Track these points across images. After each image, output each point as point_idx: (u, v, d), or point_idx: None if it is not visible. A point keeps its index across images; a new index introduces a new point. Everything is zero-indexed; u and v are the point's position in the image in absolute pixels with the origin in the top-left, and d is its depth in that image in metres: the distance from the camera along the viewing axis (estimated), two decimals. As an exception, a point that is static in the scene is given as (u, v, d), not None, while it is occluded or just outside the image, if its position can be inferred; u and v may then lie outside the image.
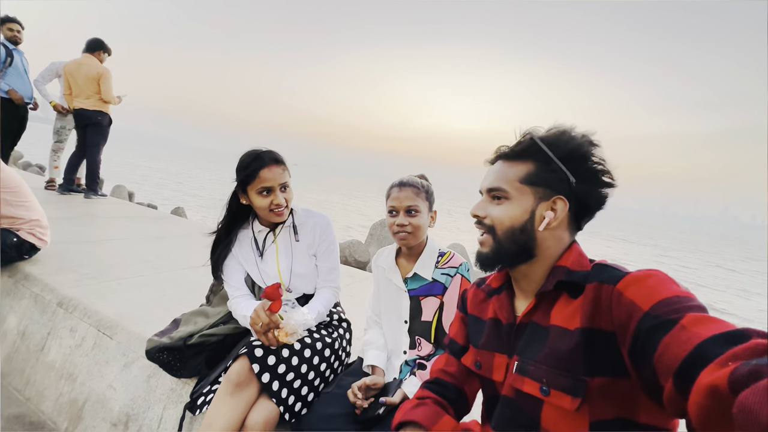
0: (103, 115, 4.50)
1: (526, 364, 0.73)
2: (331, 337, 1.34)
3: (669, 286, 0.60)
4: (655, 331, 0.55)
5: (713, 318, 0.52)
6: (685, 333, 0.51)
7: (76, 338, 1.72)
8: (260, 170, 1.25)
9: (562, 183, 0.73)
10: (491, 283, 0.88)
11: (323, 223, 1.42)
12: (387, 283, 1.38)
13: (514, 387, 0.74)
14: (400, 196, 1.26)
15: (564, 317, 0.70)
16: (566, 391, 0.66)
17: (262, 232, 1.40)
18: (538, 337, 0.73)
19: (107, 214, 3.91)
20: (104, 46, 4.51)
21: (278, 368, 1.14)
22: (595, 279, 0.68)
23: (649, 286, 0.60)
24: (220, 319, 1.40)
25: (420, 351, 1.30)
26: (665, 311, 0.56)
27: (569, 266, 0.72)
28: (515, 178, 0.76)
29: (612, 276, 0.66)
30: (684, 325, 0.52)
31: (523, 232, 0.74)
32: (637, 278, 0.63)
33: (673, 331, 0.53)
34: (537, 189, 0.74)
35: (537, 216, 0.74)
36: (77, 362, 1.67)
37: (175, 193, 15.87)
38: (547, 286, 0.73)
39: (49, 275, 2.06)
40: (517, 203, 0.75)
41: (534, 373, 0.71)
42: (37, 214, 2.25)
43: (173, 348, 1.33)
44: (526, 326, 0.77)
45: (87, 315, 1.75)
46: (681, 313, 0.54)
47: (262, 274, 1.38)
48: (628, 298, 0.61)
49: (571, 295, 0.71)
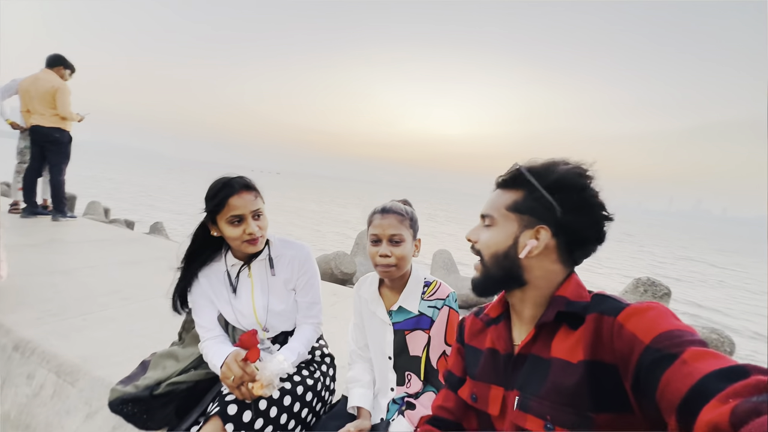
0: (61, 132, 4.27)
1: (527, 399, 0.71)
2: (313, 378, 1.25)
3: (669, 320, 0.59)
4: (657, 365, 0.54)
5: (714, 353, 0.52)
6: (686, 367, 0.51)
7: (34, 386, 1.57)
8: (229, 198, 1.16)
9: (548, 212, 0.72)
10: (489, 313, 0.87)
11: (302, 255, 1.33)
12: (371, 315, 1.31)
13: (516, 424, 0.72)
14: (383, 224, 1.18)
15: (565, 349, 0.69)
16: (571, 428, 0.65)
17: (236, 266, 1.30)
18: (539, 371, 0.71)
19: (77, 239, 3.71)
20: (65, 61, 4.33)
21: (255, 424, 1.04)
22: (595, 310, 0.67)
23: (650, 318, 0.60)
24: (191, 363, 1.29)
25: (409, 388, 1.23)
26: (666, 345, 0.55)
27: (569, 296, 0.71)
28: (503, 205, 0.77)
29: (612, 307, 0.65)
30: (685, 360, 0.52)
31: (507, 257, 0.75)
32: (637, 310, 0.62)
33: (675, 365, 0.52)
34: (522, 216, 0.75)
35: (520, 243, 0.74)
36: (35, 413, 1.52)
37: (152, 208, 15.40)
38: (547, 317, 0.72)
39: (4, 314, 1.90)
40: (501, 229, 0.77)
41: (536, 410, 0.69)
42: None
43: (139, 399, 1.22)
44: (525, 358, 0.75)
45: (46, 359, 1.61)
46: (682, 347, 0.54)
47: (235, 312, 1.28)
48: (629, 330, 0.61)
49: (571, 326, 0.69)
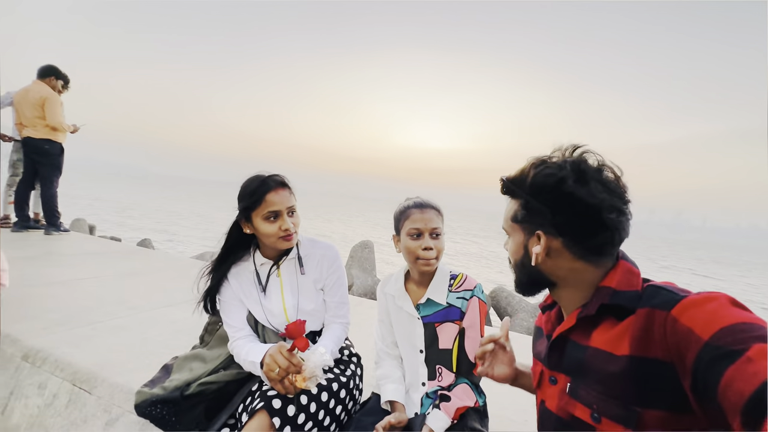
0: (51, 144, 4.15)
1: (577, 386, 0.71)
2: (345, 376, 1.26)
3: (732, 311, 0.54)
4: (717, 363, 0.50)
5: None
6: (752, 366, 0.47)
7: (46, 396, 1.52)
8: (267, 194, 1.18)
9: (538, 216, 0.73)
10: (546, 299, 0.90)
11: (331, 254, 1.35)
12: (398, 311, 1.32)
13: (567, 410, 0.73)
14: (425, 218, 1.21)
15: (608, 340, 0.66)
16: (617, 420, 0.63)
17: (265, 265, 1.31)
18: (580, 358, 0.71)
19: (71, 251, 3.62)
20: (57, 72, 4.24)
21: (298, 418, 1.04)
22: (647, 304, 0.63)
23: (709, 311, 0.55)
24: (220, 364, 1.28)
25: (440, 381, 1.24)
26: (728, 341, 0.51)
27: (614, 286, 0.68)
28: (508, 217, 0.80)
29: (666, 300, 0.61)
30: (750, 357, 0.48)
31: (524, 266, 0.78)
32: (694, 302, 0.58)
33: (738, 363, 0.48)
34: (522, 225, 0.77)
35: (530, 250, 0.76)
36: (48, 424, 1.47)
37: (138, 224, 15.07)
38: (589, 310, 0.69)
39: (9, 324, 1.84)
40: (513, 240, 0.80)
41: (585, 398, 0.69)
42: None
43: (168, 400, 1.20)
44: (564, 342, 0.75)
45: (59, 368, 1.56)
46: (747, 343, 0.49)
47: (265, 312, 1.29)
48: (684, 325, 0.56)
49: (617, 317, 0.67)
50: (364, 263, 6.70)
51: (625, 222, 0.70)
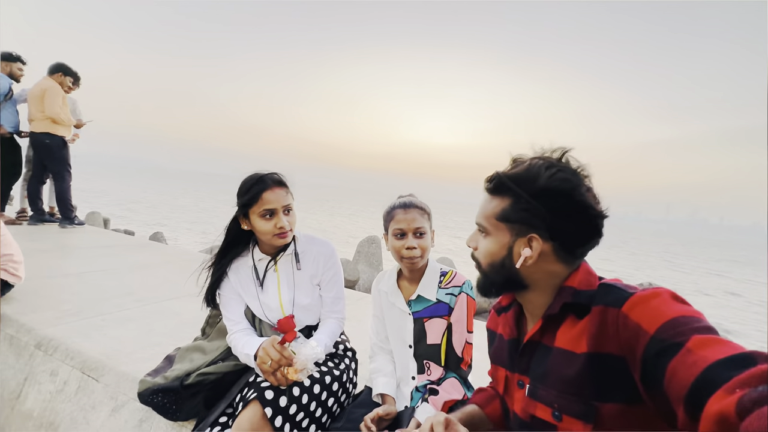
0: (51, 137, 4.12)
1: (536, 388, 0.73)
2: (339, 369, 1.29)
3: (674, 306, 0.58)
4: (662, 355, 0.54)
5: (720, 339, 0.51)
6: (691, 356, 0.50)
7: (57, 383, 1.60)
8: (263, 192, 1.22)
9: (537, 219, 0.70)
10: (501, 301, 0.90)
11: (327, 251, 1.38)
12: (390, 307, 1.36)
13: (528, 412, 0.74)
14: (408, 218, 1.24)
15: (569, 340, 0.69)
16: (577, 416, 0.65)
17: (263, 260, 1.35)
18: (544, 360, 0.73)
19: (84, 244, 3.73)
20: (65, 68, 4.28)
21: (290, 409, 1.08)
22: (601, 302, 0.66)
23: (654, 307, 0.59)
24: (219, 356, 1.33)
25: (429, 375, 1.27)
26: (671, 334, 0.54)
27: (576, 286, 0.71)
28: (492, 215, 0.76)
29: (617, 298, 0.64)
30: (690, 348, 0.51)
31: (503, 267, 0.75)
32: (641, 299, 0.61)
33: (679, 354, 0.51)
34: (513, 226, 0.73)
35: (515, 252, 0.73)
36: (59, 409, 1.55)
37: (151, 218, 15.39)
38: (553, 309, 0.72)
39: (24, 314, 1.93)
40: (494, 239, 0.76)
41: (545, 398, 0.71)
42: (11, 248, 2.12)
43: (169, 389, 1.25)
44: (534, 346, 0.76)
45: (69, 356, 1.64)
46: (687, 335, 0.53)
47: (262, 306, 1.33)
48: (633, 320, 0.60)
49: (577, 315, 0.69)
50: (370, 258, 6.74)
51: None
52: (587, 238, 0.71)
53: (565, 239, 0.71)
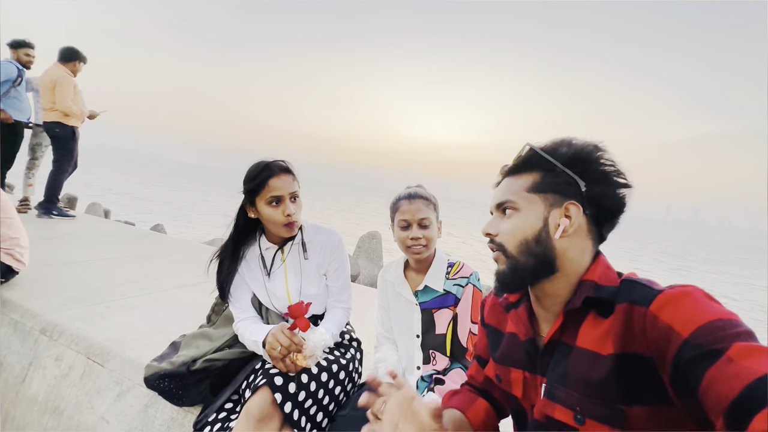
0: (62, 127, 4.08)
1: (555, 388, 0.69)
2: (345, 359, 1.30)
3: (708, 307, 0.55)
4: (698, 362, 0.51)
5: (762, 348, 0.48)
6: (733, 367, 0.47)
7: (62, 368, 1.61)
8: (269, 179, 1.21)
9: (572, 187, 0.70)
10: (509, 297, 0.85)
11: (334, 240, 1.38)
12: (396, 297, 1.36)
13: (545, 413, 0.70)
14: (412, 209, 1.24)
15: (594, 340, 0.66)
16: (603, 421, 0.62)
17: (270, 249, 1.35)
18: (564, 359, 0.69)
19: (86, 233, 3.73)
20: (79, 55, 4.21)
21: (299, 396, 1.08)
22: (626, 299, 0.63)
23: (687, 307, 0.56)
24: (225, 343, 1.33)
25: (435, 365, 1.28)
26: (708, 339, 0.51)
27: (597, 280, 0.68)
28: (522, 189, 0.73)
29: (644, 296, 0.61)
30: (731, 357, 0.48)
31: (539, 242, 0.70)
32: (671, 298, 0.58)
33: (719, 363, 0.49)
34: (546, 196, 0.71)
35: (551, 224, 0.70)
36: (64, 394, 1.55)
37: (151, 209, 15.38)
38: (574, 303, 0.68)
39: (29, 300, 1.93)
40: (527, 213, 0.72)
41: (566, 400, 0.67)
42: (19, 233, 2.12)
43: (175, 374, 1.26)
44: (555, 346, 0.72)
45: (74, 341, 1.64)
46: (726, 342, 0.50)
47: (269, 294, 1.33)
48: (664, 321, 0.57)
49: (600, 313, 0.66)
50: (371, 254, 6.74)
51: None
52: (616, 208, 0.71)
53: (596, 210, 0.70)
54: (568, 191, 0.70)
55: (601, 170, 0.70)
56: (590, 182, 0.69)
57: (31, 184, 4.55)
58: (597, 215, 0.71)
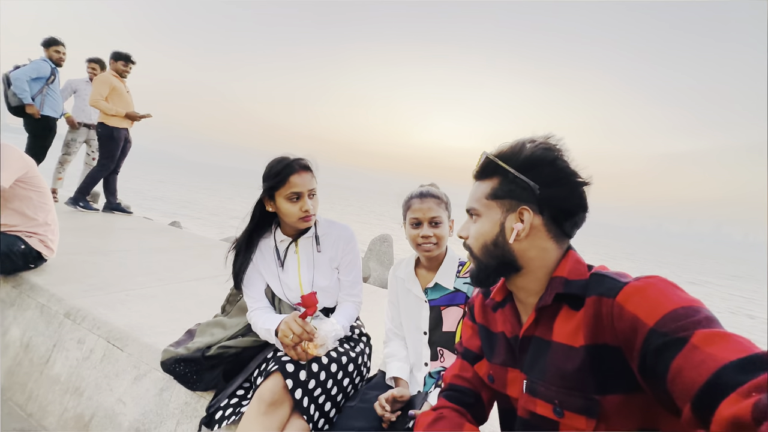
0: (103, 127, 4.22)
1: (535, 384, 0.71)
2: (355, 352, 1.32)
3: (672, 296, 0.57)
4: (665, 350, 0.52)
5: (724, 333, 0.50)
6: (698, 354, 0.49)
7: (84, 350, 1.68)
8: (290, 176, 1.25)
9: (526, 192, 0.72)
10: (495, 297, 0.86)
11: (347, 234, 1.42)
12: (406, 293, 1.38)
13: (527, 409, 0.73)
14: (423, 208, 1.26)
15: (567, 333, 0.68)
16: (580, 412, 0.64)
17: (284, 241, 1.39)
18: (542, 354, 0.71)
19: (110, 226, 3.87)
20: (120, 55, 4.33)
21: (309, 384, 1.11)
22: (594, 292, 0.66)
23: (651, 297, 0.58)
24: (239, 331, 1.38)
25: (443, 362, 1.29)
26: (672, 328, 0.53)
27: (566, 276, 0.70)
28: (483, 195, 0.77)
29: (611, 287, 0.64)
30: (695, 344, 0.50)
31: (497, 246, 0.75)
32: (636, 289, 0.60)
33: (684, 350, 0.50)
34: (503, 202, 0.75)
35: (507, 228, 0.74)
36: (84, 375, 1.62)
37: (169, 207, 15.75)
38: (545, 300, 0.71)
39: (55, 285, 2.02)
40: (486, 219, 0.77)
41: (545, 394, 0.69)
42: (53, 221, 2.24)
43: (190, 359, 1.31)
44: (529, 341, 0.75)
45: (96, 326, 1.72)
46: (689, 329, 0.51)
47: (283, 286, 1.37)
48: (629, 311, 0.59)
49: (572, 306, 0.69)
50: (382, 257, 6.76)
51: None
52: (574, 207, 0.72)
53: (553, 210, 0.72)
54: (523, 195, 0.73)
55: (554, 171, 0.72)
56: (543, 185, 0.71)
57: (60, 178, 4.74)
58: (555, 215, 0.73)
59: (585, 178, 0.72)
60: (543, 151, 0.72)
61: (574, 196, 0.72)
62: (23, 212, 2.10)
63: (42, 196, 2.18)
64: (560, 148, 0.74)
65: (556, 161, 0.72)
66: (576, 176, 0.72)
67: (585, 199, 0.73)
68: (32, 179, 2.13)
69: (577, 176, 0.72)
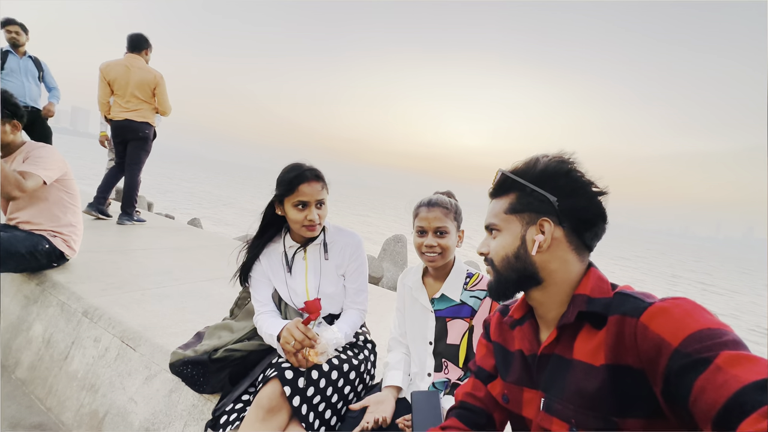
0: (150, 128, 3.94)
1: (552, 401, 0.71)
2: (357, 359, 1.32)
3: (698, 317, 0.55)
4: (688, 371, 0.51)
5: (750, 356, 0.49)
6: (721, 375, 0.48)
7: (100, 348, 1.73)
8: (300, 185, 1.27)
9: (544, 204, 0.73)
10: (513, 314, 0.85)
11: (354, 242, 1.42)
12: (413, 302, 1.36)
13: (542, 427, 0.72)
14: (429, 217, 1.24)
15: (588, 352, 0.67)
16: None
17: (293, 247, 1.40)
18: (562, 372, 0.70)
19: (128, 224, 4.00)
20: (149, 43, 3.94)
21: (307, 391, 1.11)
22: (617, 311, 0.65)
23: (677, 318, 0.56)
24: (245, 335, 1.39)
25: (447, 374, 1.27)
26: (697, 348, 0.52)
27: (589, 293, 0.70)
28: (502, 211, 0.78)
29: (635, 307, 0.62)
30: (719, 366, 0.49)
31: (518, 258, 0.75)
32: (662, 309, 0.59)
33: (707, 372, 0.49)
34: (522, 215, 0.76)
35: (528, 241, 0.74)
36: (100, 373, 1.67)
37: (190, 204, 16.18)
38: (568, 318, 0.70)
39: (75, 284, 2.10)
40: (506, 233, 0.77)
41: (561, 413, 0.68)
42: (79, 222, 2.33)
43: (197, 362, 1.33)
44: (548, 359, 0.74)
45: (111, 325, 1.77)
46: (714, 350, 0.50)
47: (290, 291, 1.38)
48: (654, 332, 0.57)
49: (594, 325, 0.68)
50: (396, 257, 6.75)
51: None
52: (594, 217, 0.72)
53: (573, 221, 0.72)
54: (542, 208, 0.74)
55: (569, 182, 0.73)
56: (561, 196, 0.72)
57: None
58: (575, 226, 0.73)
59: (602, 188, 0.73)
60: (557, 164, 0.74)
61: (593, 205, 0.72)
62: (51, 212, 2.19)
63: (73, 198, 2.29)
64: (573, 160, 0.74)
65: (571, 173, 0.73)
66: (592, 186, 0.73)
67: (603, 209, 0.73)
68: (68, 182, 2.24)
69: (594, 186, 0.73)
